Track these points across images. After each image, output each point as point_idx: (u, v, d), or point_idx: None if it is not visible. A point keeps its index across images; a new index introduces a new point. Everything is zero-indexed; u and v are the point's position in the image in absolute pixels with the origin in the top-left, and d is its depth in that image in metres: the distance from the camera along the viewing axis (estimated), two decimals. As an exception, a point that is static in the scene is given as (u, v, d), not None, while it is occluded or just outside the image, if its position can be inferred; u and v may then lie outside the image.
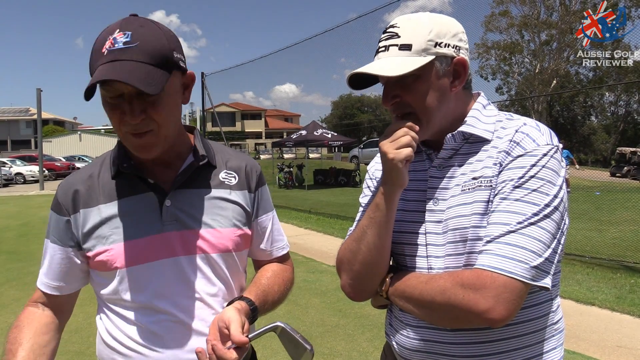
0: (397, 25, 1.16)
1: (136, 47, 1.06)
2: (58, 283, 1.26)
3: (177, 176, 1.24)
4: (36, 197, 20.23)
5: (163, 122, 1.13)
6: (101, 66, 1.05)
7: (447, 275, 1.07)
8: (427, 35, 1.12)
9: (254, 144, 57.08)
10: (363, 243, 1.17)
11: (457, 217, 1.11)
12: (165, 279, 1.20)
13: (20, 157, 35.28)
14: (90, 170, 1.27)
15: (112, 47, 1.06)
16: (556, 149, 1.09)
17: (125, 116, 1.09)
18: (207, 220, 1.25)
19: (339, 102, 63.72)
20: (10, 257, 8.13)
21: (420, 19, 1.15)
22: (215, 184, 1.29)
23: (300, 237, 9.58)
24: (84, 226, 1.21)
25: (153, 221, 1.20)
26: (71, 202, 1.22)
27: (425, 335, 1.15)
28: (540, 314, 1.13)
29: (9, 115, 60.77)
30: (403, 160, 1.09)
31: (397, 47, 1.13)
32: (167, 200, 1.21)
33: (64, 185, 1.26)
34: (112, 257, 1.19)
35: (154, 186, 1.22)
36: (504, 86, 36.89)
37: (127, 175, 1.23)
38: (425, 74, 1.13)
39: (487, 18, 31.22)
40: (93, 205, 1.21)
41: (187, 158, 1.28)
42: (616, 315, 4.91)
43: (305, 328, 4.63)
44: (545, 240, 1.01)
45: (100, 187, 1.23)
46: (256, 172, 1.40)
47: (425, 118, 1.15)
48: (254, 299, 1.23)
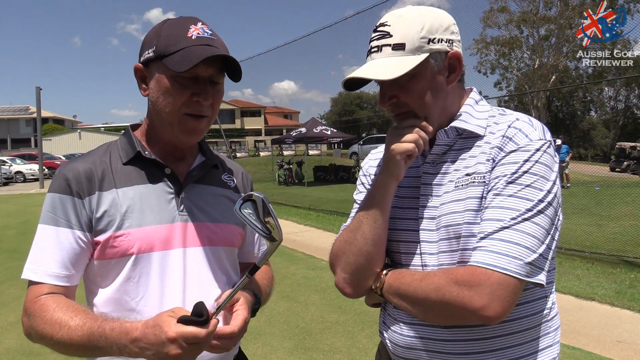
0: (387, 24, 1.14)
1: (217, 40, 1.21)
2: (68, 272, 1.17)
3: (193, 170, 1.31)
4: (36, 195, 20.25)
5: (215, 112, 1.25)
6: (199, 46, 1.15)
7: (441, 272, 1.06)
8: (419, 33, 1.11)
9: (254, 141, 57.14)
10: (359, 233, 1.17)
11: (450, 214, 1.11)
12: (175, 268, 1.22)
13: (20, 155, 35.33)
14: (99, 155, 1.26)
15: (201, 34, 1.18)
16: (549, 144, 1.08)
17: (196, 96, 1.18)
18: (216, 215, 1.31)
19: (338, 98, 63.63)
20: (10, 255, 8.13)
21: (411, 15, 1.13)
22: (219, 184, 1.38)
23: (300, 234, 9.59)
24: (99, 209, 1.18)
25: (169, 210, 1.24)
26: (85, 183, 1.19)
27: (420, 333, 1.14)
28: (535, 310, 1.13)
29: (9, 114, 60.67)
30: (403, 153, 1.10)
31: (390, 47, 1.12)
32: (183, 192, 1.26)
33: (71, 167, 1.21)
34: (129, 242, 1.17)
35: (170, 176, 1.26)
36: (503, 81, 36.83)
37: (140, 164, 1.25)
38: (420, 72, 1.12)
39: (486, 14, 31.17)
40: (109, 188, 1.20)
41: (197, 155, 1.36)
42: (616, 310, 4.91)
43: (305, 325, 4.64)
44: (539, 236, 1.00)
45: (113, 172, 1.23)
46: (249, 179, 1.52)
47: (424, 115, 1.15)
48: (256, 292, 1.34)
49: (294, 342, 4.24)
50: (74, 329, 1.07)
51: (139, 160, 1.25)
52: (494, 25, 32.71)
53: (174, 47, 1.16)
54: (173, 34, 1.18)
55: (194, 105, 1.19)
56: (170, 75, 1.17)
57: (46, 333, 1.10)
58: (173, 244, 1.22)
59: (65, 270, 1.17)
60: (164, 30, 1.20)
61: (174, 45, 1.16)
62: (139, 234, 1.18)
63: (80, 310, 1.12)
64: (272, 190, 18.36)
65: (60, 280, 1.16)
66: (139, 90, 1.26)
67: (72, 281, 1.19)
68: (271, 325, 4.60)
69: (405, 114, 1.16)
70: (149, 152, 1.26)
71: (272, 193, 17.06)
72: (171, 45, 1.16)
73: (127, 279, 1.19)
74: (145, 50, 1.22)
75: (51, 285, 1.16)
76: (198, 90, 1.18)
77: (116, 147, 1.28)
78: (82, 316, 1.09)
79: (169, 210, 1.24)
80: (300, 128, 23.11)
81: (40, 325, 1.11)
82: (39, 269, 1.16)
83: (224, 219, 1.32)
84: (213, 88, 1.21)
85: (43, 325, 1.10)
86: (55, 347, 1.11)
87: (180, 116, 1.20)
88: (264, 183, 22.31)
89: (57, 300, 1.14)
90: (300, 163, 23.53)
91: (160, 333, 0.99)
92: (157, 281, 1.20)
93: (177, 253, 1.23)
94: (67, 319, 1.09)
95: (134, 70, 1.25)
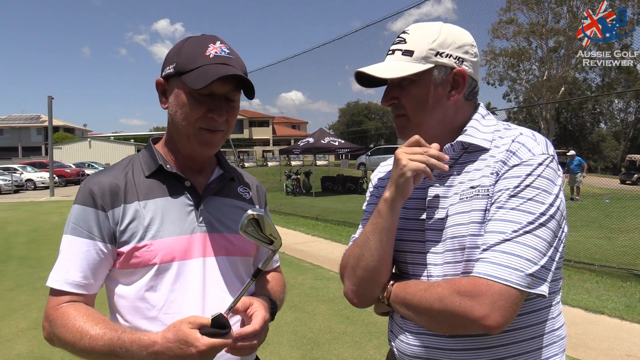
0: (408, 32, 1.23)
1: (234, 59, 1.26)
2: (87, 281, 1.22)
3: (211, 183, 1.37)
4: (46, 203, 20.42)
5: (231, 127, 1.31)
6: (215, 65, 1.21)
7: (444, 283, 1.09)
8: (429, 44, 1.18)
9: (262, 151, 57.24)
10: (366, 249, 1.20)
11: (455, 226, 1.14)
12: (195, 277, 1.26)
13: (30, 163, 35.68)
14: (122, 169, 1.31)
15: (219, 53, 1.24)
16: (552, 159, 1.11)
17: (211, 113, 1.24)
18: (233, 226, 1.34)
19: (346, 109, 63.81)
20: (21, 262, 8.21)
21: (431, 28, 1.21)
22: (235, 196, 1.43)
23: (308, 244, 9.59)
24: (123, 221, 1.23)
25: (189, 222, 1.29)
26: (110, 197, 1.24)
27: (425, 342, 1.16)
28: (540, 320, 1.14)
29: (20, 122, 61.50)
30: (413, 170, 1.11)
31: (401, 52, 1.20)
32: (202, 204, 1.31)
33: (97, 181, 1.26)
34: (152, 253, 1.22)
35: (190, 189, 1.31)
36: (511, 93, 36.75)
37: (161, 177, 1.30)
38: (422, 80, 1.18)
39: (495, 25, 31.22)
40: (132, 201, 1.25)
41: (215, 168, 1.42)
42: (626, 324, 4.86)
43: (313, 335, 4.64)
44: (541, 248, 1.03)
45: (136, 185, 1.28)
46: (264, 192, 1.57)
47: (415, 121, 1.21)
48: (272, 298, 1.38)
49: (302, 352, 4.24)
50: (95, 338, 1.14)
51: (161, 174, 1.30)
52: (502, 36, 32.77)
53: (192, 64, 1.22)
54: (192, 52, 1.24)
55: (209, 121, 1.25)
56: (188, 91, 1.23)
57: (68, 340, 1.16)
58: (193, 254, 1.27)
59: (84, 279, 1.22)
60: (185, 48, 1.26)
61: (192, 63, 1.22)
62: (160, 245, 1.23)
63: (101, 320, 1.18)
64: (280, 200, 18.39)
65: (79, 288, 1.22)
66: (160, 103, 1.32)
67: (91, 290, 1.24)
68: (279, 335, 4.61)
69: (401, 116, 1.23)
70: (170, 166, 1.31)
71: (280, 203, 17.09)
72: (190, 63, 1.22)
73: (149, 288, 1.23)
74: (167, 65, 1.28)
75: (70, 293, 1.22)
76: (213, 106, 1.24)
77: (138, 161, 1.34)
78: (102, 325, 1.16)
79: (188, 222, 1.29)
80: (308, 138, 23.16)
81: (62, 332, 1.18)
82: (59, 278, 1.22)
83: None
84: (228, 105, 1.27)
85: (65, 333, 1.17)
86: (77, 354, 1.18)
87: (196, 129, 1.25)
88: (272, 193, 22.34)
89: (78, 308, 1.20)
90: (308, 173, 23.55)
91: (188, 347, 1.05)
92: (178, 290, 1.24)
93: (196, 263, 1.27)
94: (88, 327, 1.15)
95: (156, 84, 1.32)
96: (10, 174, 28.59)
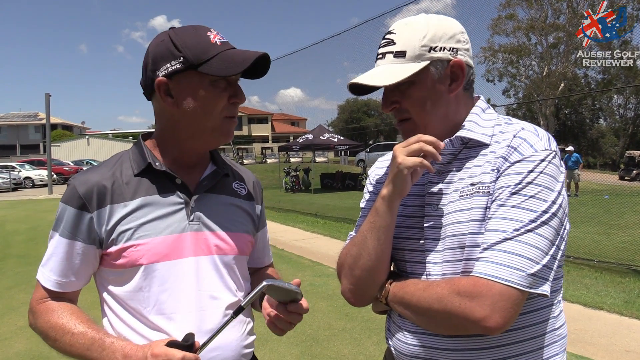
0: (394, 32, 1.18)
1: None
2: (67, 279, 1.23)
3: (203, 180, 1.32)
4: (45, 201, 20.40)
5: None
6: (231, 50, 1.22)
7: (444, 282, 1.06)
8: (420, 41, 1.13)
9: (261, 147, 57.20)
10: (363, 248, 1.17)
11: (455, 224, 1.11)
12: (186, 277, 1.24)
13: (29, 161, 35.61)
14: (110, 167, 1.27)
15: (221, 39, 1.24)
16: (554, 155, 1.08)
17: (234, 98, 1.24)
18: (226, 224, 1.32)
19: (345, 106, 63.77)
20: (19, 260, 8.21)
21: (417, 24, 1.16)
22: (230, 192, 1.38)
23: (307, 241, 9.60)
24: (109, 222, 1.20)
25: (179, 220, 1.25)
26: (96, 197, 1.21)
27: (424, 341, 1.14)
28: (541, 319, 1.12)
29: (18, 120, 61.41)
30: (410, 167, 1.08)
31: (392, 55, 1.15)
32: (193, 202, 1.28)
33: (83, 180, 1.23)
34: (139, 253, 1.20)
35: (181, 186, 1.28)
36: (511, 89, 36.72)
37: (151, 174, 1.26)
38: (420, 79, 1.14)
39: (494, 21, 31.18)
40: (120, 201, 1.22)
41: (209, 164, 1.37)
42: (624, 319, 4.87)
43: (312, 332, 4.64)
44: (543, 247, 1.00)
45: (125, 184, 1.24)
46: (260, 187, 1.53)
47: (422, 123, 1.16)
48: None
49: (301, 349, 4.24)
50: (77, 335, 1.15)
51: (150, 172, 1.26)
52: (502, 32, 32.73)
53: (205, 54, 1.18)
54: (200, 43, 1.20)
55: (231, 108, 1.25)
56: (209, 81, 1.20)
57: (50, 336, 1.19)
58: (184, 253, 1.24)
59: (64, 277, 1.23)
60: (185, 41, 1.19)
61: (205, 53, 1.19)
62: (148, 245, 1.20)
63: (85, 319, 1.19)
64: (279, 197, 18.39)
65: (57, 286, 1.24)
66: (162, 103, 1.24)
67: (71, 288, 1.25)
68: (278, 332, 4.59)
69: (407, 120, 1.18)
70: (159, 164, 1.26)
71: (279, 200, 17.09)
72: (202, 54, 1.18)
73: (139, 288, 1.21)
74: (164, 64, 1.20)
75: (50, 290, 1.24)
76: (233, 92, 1.24)
77: (128, 158, 1.30)
78: (85, 325, 1.17)
79: (179, 221, 1.25)
80: (307, 135, 23.17)
81: (44, 327, 1.20)
82: (44, 273, 1.25)
83: (234, 228, 1.33)
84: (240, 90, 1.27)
85: (48, 329, 1.19)
86: (56, 349, 1.19)
87: (222, 119, 1.24)
88: (271, 190, 22.35)
89: (61, 305, 1.23)
90: (307, 170, 23.53)
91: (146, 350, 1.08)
92: (169, 290, 1.21)
93: (188, 262, 1.24)
94: (71, 325, 1.17)
95: (157, 85, 1.22)
96: (8, 172, 28.55)
